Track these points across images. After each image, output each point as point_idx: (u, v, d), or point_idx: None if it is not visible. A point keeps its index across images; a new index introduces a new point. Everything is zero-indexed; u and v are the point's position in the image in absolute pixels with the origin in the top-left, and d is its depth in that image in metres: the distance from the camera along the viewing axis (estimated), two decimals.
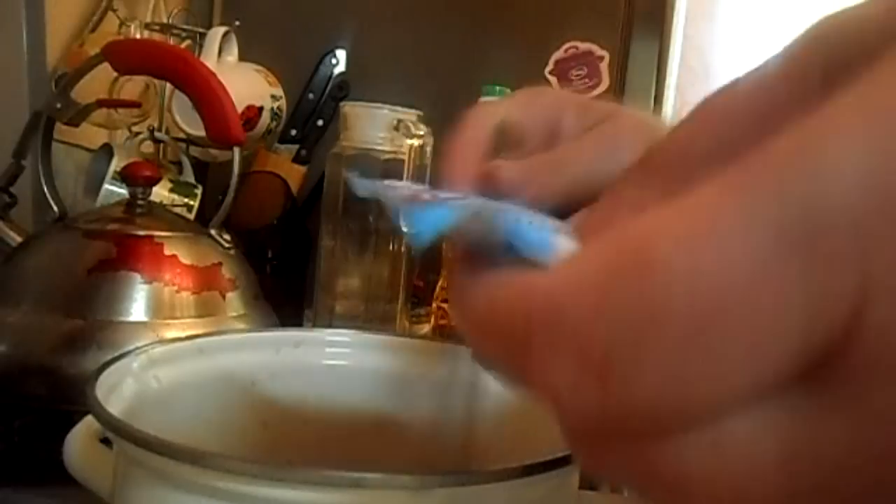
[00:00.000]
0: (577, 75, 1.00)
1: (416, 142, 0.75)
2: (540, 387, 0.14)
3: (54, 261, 0.59)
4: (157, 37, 1.03)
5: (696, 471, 0.13)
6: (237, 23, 1.02)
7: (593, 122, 0.35)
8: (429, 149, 0.76)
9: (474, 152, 0.33)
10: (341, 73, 1.07)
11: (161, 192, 0.87)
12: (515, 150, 0.34)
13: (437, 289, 0.87)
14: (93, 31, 0.99)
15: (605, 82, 0.99)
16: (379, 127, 0.76)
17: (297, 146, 1.03)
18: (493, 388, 0.39)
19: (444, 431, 0.40)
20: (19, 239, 0.61)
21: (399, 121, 0.76)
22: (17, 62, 0.85)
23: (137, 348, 0.35)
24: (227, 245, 0.63)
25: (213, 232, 0.63)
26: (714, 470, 0.13)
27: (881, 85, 0.13)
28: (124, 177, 0.63)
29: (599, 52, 0.99)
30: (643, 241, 0.13)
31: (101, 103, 0.71)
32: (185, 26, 1.05)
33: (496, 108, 0.35)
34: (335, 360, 0.41)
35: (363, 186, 0.28)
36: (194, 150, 1.02)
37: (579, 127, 0.35)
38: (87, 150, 0.93)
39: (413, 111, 0.77)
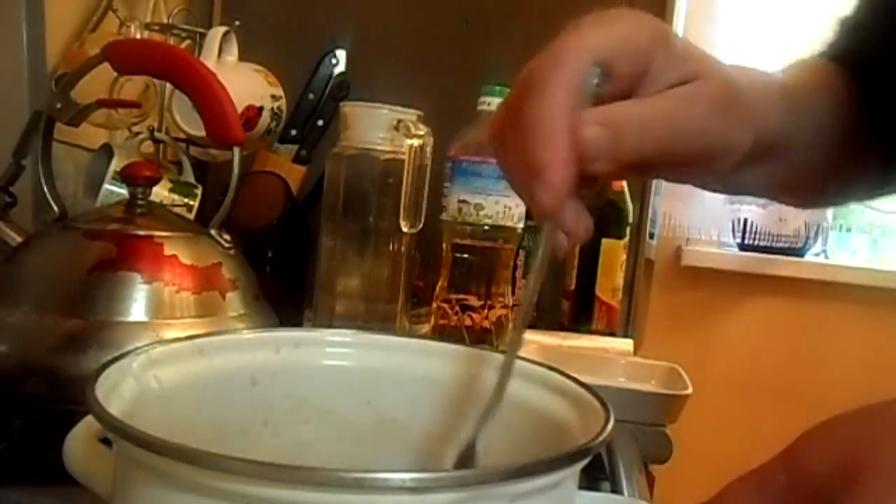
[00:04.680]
0: None
1: (416, 142, 0.75)
2: None
3: (54, 261, 0.59)
4: (157, 37, 1.03)
5: None
6: (237, 23, 1.02)
7: (681, 77, 0.35)
8: (429, 149, 0.76)
9: (566, 102, 0.33)
10: (341, 73, 1.07)
11: (161, 192, 0.87)
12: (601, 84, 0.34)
13: (437, 289, 0.87)
14: (93, 31, 0.99)
15: None
16: (379, 127, 0.76)
17: (297, 146, 1.03)
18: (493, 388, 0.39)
19: (444, 431, 0.40)
20: (19, 239, 0.61)
21: (399, 121, 0.76)
22: (17, 62, 0.85)
23: (137, 348, 0.35)
24: (227, 245, 0.63)
25: (213, 232, 0.63)
26: None
27: None
28: (124, 177, 0.63)
29: None
30: None
31: (101, 103, 0.71)
32: (185, 26, 1.05)
33: (591, 46, 0.34)
34: (335, 360, 0.41)
35: None
36: (194, 150, 1.02)
37: (666, 79, 0.35)
38: (87, 150, 0.93)
39: (413, 111, 0.77)
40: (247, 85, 0.96)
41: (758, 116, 0.39)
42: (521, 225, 0.85)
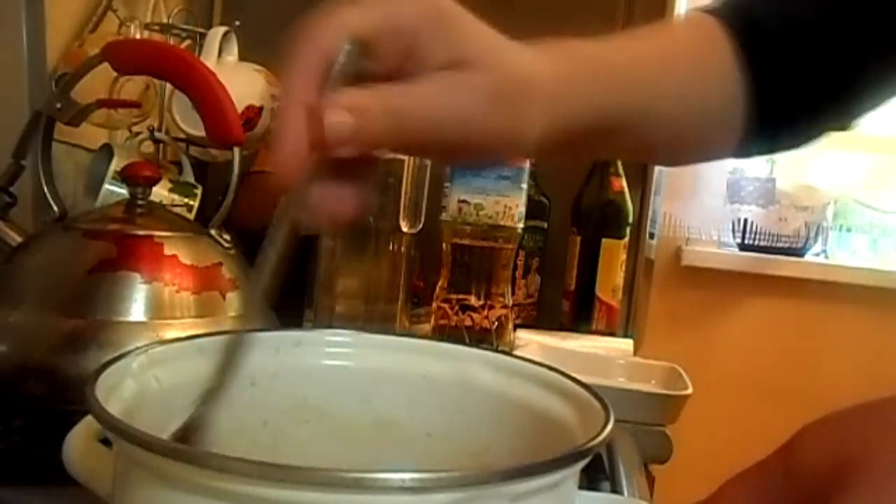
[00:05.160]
0: None
1: None
2: None
3: (54, 261, 0.59)
4: (157, 37, 1.03)
5: None
6: (237, 23, 1.02)
7: (449, 60, 0.34)
8: None
9: (311, 78, 0.32)
10: None
11: (161, 192, 0.87)
12: (364, 61, 0.33)
13: (437, 289, 0.87)
14: (93, 31, 0.99)
15: None
16: None
17: None
18: (494, 388, 0.39)
19: (444, 431, 0.40)
20: (19, 239, 0.61)
21: None
22: (17, 62, 0.85)
23: (137, 348, 0.35)
24: (227, 245, 0.63)
25: (213, 232, 0.63)
26: None
27: None
28: (124, 177, 0.63)
29: None
30: None
31: (101, 103, 0.71)
32: (185, 26, 1.05)
33: (346, 22, 0.33)
34: (335, 360, 0.41)
35: None
36: (194, 150, 1.02)
37: (434, 59, 0.34)
38: (87, 150, 0.93)
39: None
40: (247, 85, 0.96)
41: (578, 101, 0.40)
42: (521, 225, 0.85)
